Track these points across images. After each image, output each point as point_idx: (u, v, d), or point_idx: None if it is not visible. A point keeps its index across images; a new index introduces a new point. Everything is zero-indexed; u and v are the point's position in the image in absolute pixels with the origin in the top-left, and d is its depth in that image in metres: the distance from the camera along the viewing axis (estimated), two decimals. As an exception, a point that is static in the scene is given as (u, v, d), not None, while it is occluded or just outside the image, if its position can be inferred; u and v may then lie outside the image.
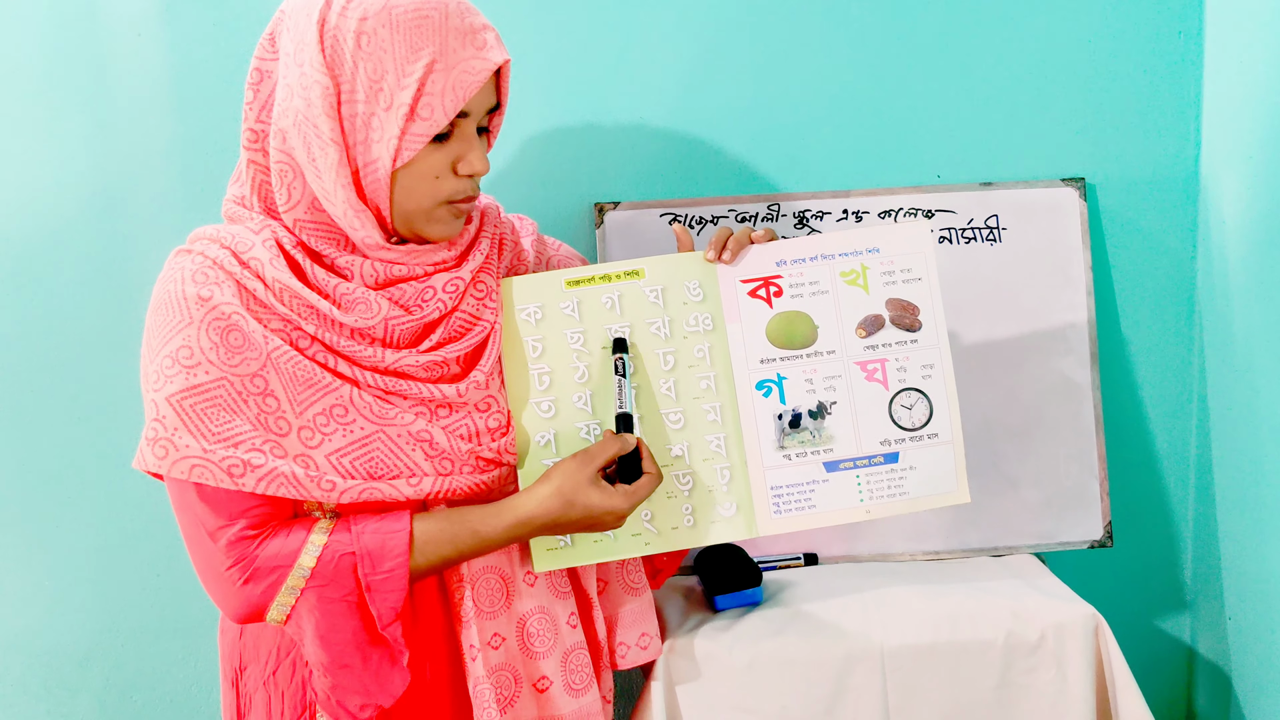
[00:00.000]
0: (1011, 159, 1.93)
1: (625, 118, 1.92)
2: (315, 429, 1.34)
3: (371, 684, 1.36)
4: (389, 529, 1.35)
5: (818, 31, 1.90)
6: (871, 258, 1.50)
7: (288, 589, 1.33)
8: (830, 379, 1.50)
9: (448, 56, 1.29)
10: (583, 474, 1.39)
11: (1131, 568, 2.00)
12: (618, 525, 1.41)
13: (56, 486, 1.95)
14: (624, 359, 1.45)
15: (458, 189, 1.36)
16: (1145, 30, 1.90)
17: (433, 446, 1.38)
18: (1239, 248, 1.78)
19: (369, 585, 1.34)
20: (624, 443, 1.42)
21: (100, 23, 1.87)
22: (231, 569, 1.33)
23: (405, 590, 1.35)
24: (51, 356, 1.93)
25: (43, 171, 1.90)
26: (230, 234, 1.37)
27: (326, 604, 1.34)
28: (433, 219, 1.37)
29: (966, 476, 1.52)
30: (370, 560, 1.34)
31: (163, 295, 1.34)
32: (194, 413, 1.31)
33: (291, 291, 1.34)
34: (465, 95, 1.30)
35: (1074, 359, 1.90)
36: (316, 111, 1.30)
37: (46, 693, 1.99)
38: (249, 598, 1.33)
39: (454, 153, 1.34)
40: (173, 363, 1.31)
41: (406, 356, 1.37)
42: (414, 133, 1.30)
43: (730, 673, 1.63)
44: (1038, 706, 1.64)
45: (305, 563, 1.33)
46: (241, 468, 1.31)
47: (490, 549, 1.40)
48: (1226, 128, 1.82)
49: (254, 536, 1.34)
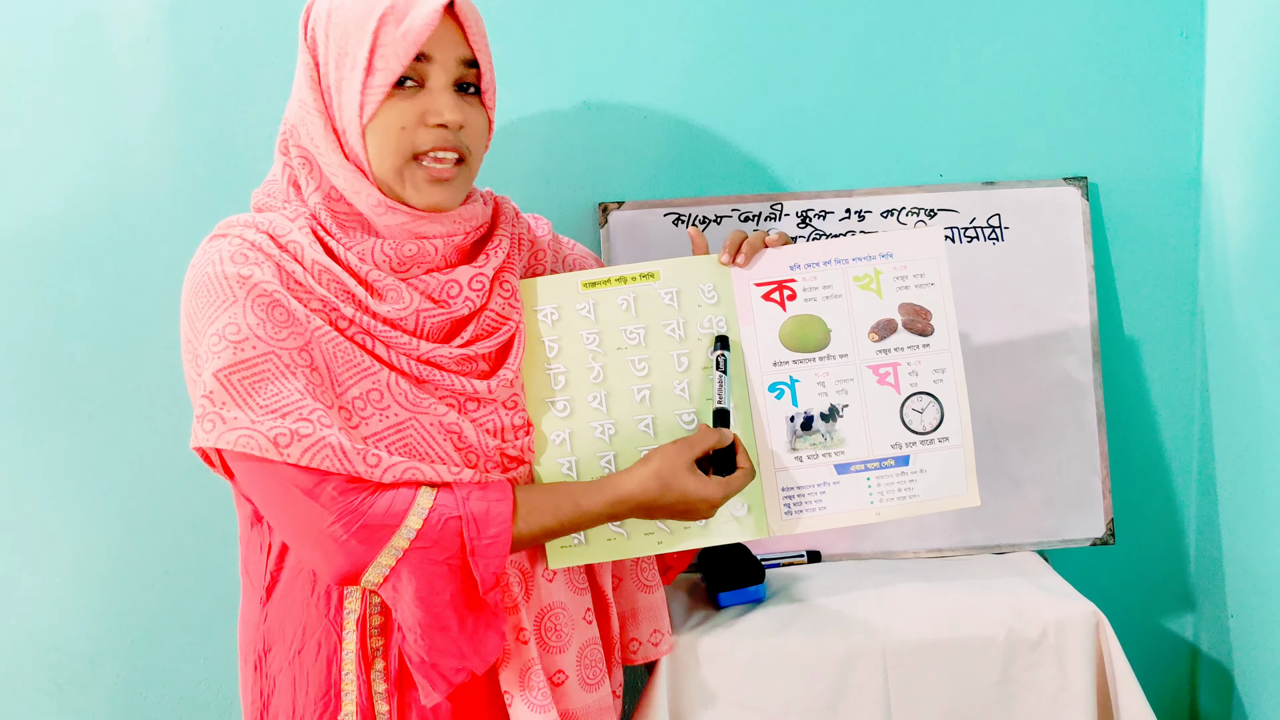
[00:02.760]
0: (1014, 158, 1.94)
1: (629, 117, 1.92)
2: (354, 411, 1.34)
3: (467, 647, 1.36)
4: (494, 496, 1.36)
5: (821, 31, 1.91)
6: (885, 262, 1.51)
7: (391, 549, 1.31)
8: (842, 382, 1.51)
9: (399, 9, 1.32)
10: (681, 460, 1.42)
11: (1134, 565, 2.01)
12: (710, 514, 1.44)
13: (66, 484, 1.95)
14: (725, 355, 1.47)
15: (424, 140, 1.36)
16: (1147, 30, 1.90)
17: (461, 440, 1.39)
18: (1241, 246, 1.79)
19: (474, 549, 1.34)
20: (721, 436, 1.46)
21: (109, 26, 1.87)
22: (335, 524, 1.30)
23: (507, 556, 1.36)
24: (61, 356, 1.93)
25: (53, 174, 1.90)
26: (267, 220, 1.38)
27: (430, 565, 1.33)
28: (406, 180, 1.37)
29: (977, 480, 1.53)
30: (476, 524, 1.34)
31: (201, 278, 1.33)
32: (241, 385, 1.29)
33: (331, 274, 1.35)
34: (416, 39, 1.31)
35: (1076, 358, 1.91)
36: (304, 89, 1.37)
37: (57, 690, 1.99)
38: (352, 554, 1.31)
39: (422, 104, 1.35)
40: (219, 339, 1.30)
41: (440, 348, 1.39)
42: (373, 85, 1.32)
43: (733, 669, 1.64)
44: (1039, 703, 1.65)
45: (412, 523, 1.32)
46: (289, 437, 1.28)
47: (589, 524, 1.42)
48: (1228, 127, 1.83)
49: (356, 489, 1.31)
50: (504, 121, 1.88)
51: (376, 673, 1.43)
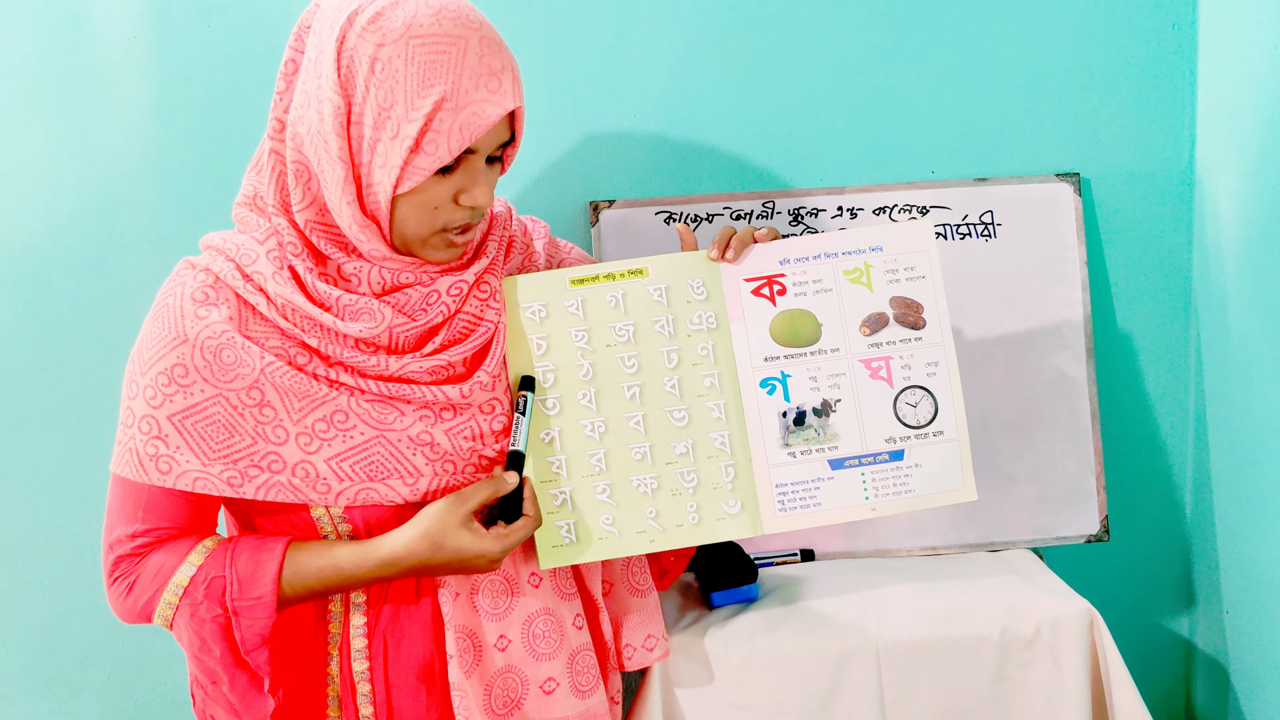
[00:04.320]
0: (1006, 154, 1.93)
1: (620, 116, 1.91)
2: (314, 435, 1.35)
3: (239, 704, 1.38)
4: (262, 557, 1.37)
5: (812, 28, 1.90)
6: (875, 256, 1.50)
7: (165, 602, 1.37)
8: (834, 377, 1.50)
9: (459, 96, 1.28)
10: (453, 516, 1.36)
11: (1128, 563, 2.01)
12: (491, 569, 1.40)
13: (56, 486, 1.95)
14: (527, 397, 1.45)
15: (456, 219, 1.36)
16: (1139, 23, 1.90)
17: (434, 449, 1.38)
18: (1234, 242, 1.78)
19: (235, 610, 1.35)
20: (501, 483, 1.40)
21: (94, 26, 1.86)
22: (116, 582, 1.40)
23: (272, 618, 1.35)
24: (50, 357, 1.92)
25: (36, 175, 1.89)
26: (236, 244, 1.38)
27: (198, 622, 1.36)
28: (429, 245, 1.37)
29: (973, 474, 1.52)
30: (239, 585, 1.35)
31: (162, 307, 1.37)
32: (194, 430, 1.34)
33: (293, 305, 1.35)
34: (472, 136, 1.29)
35: (1070, 354, 1.90)
36: (327, 128, 1.30)
37: (48, 691, 1.99)
38: (132, 607, 1.39)
39: (458, 184, 1.34)
40: (169, 380, 1.33)
41: (410, 362, 1.37)
42: (417, 165, 1.29)
43: (727, 669, 1.63)
44: (1033, 701, 1.65)
45: (179, 580, 1.36)
46: (240, 478, 1.34)
47: (359, 585, 1.40)
48: (1221, 121, 1.83)
49: (142, 554, 1.39)
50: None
51: (363, 697, 1.43)
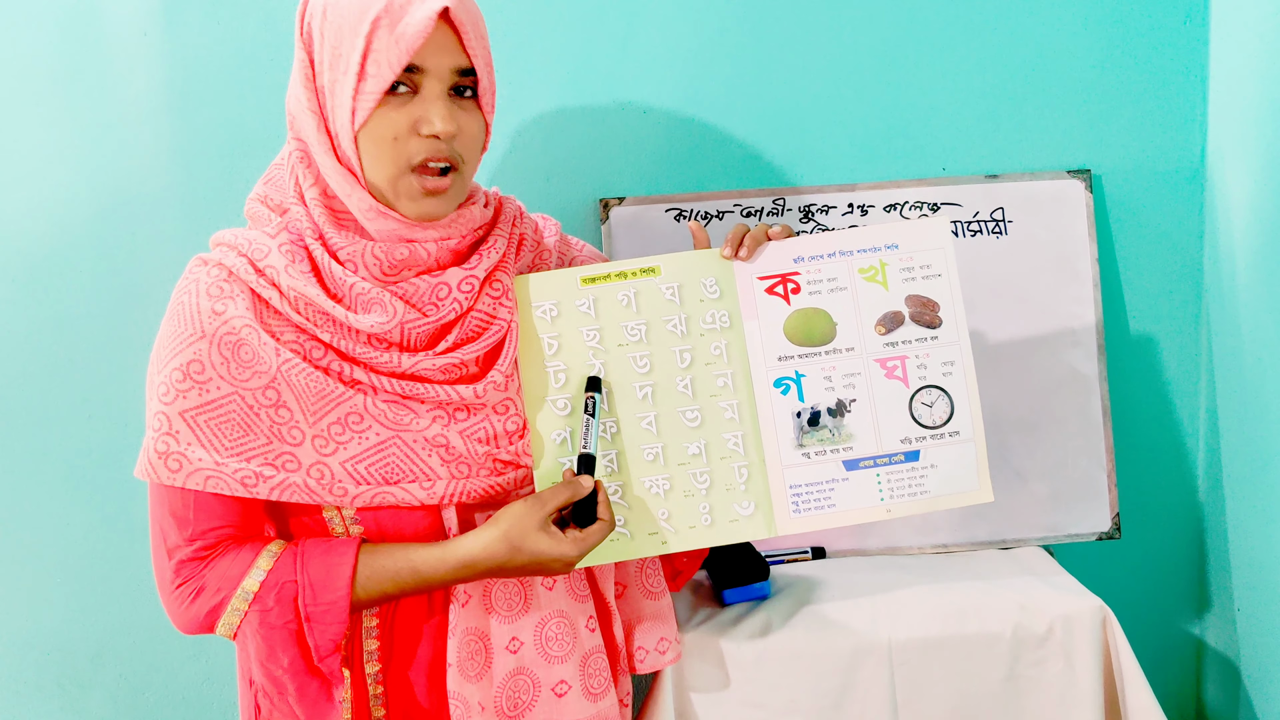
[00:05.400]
0: (1017, 151, 1.93)
1: (630, 113, 1.91)
2: (329, 437, 1.35)
3: (306, 712, 1.37)
4: (334, 561, 1.35)
5: (822, 24, 1.90)
6: (890, 254, 1.49)
7: (232, 610, 1.35)
8: (849, 376, 1.49)
9: (393, 12, 1.28)
10: (531, 519, 1.35)
11: (1139, 560, 2.01)
12: (566, 572, 1.39)
13: (69, 486, 1.95)
14: (595, 398, 1.44)
15: (417, 150, 1.32)
16: (1150, 18, 1.90)
17: (449, 451, 1.38)
18: (1245, 238, 1.78)
19: (308, 616, 1.34)
20: (578, 487, 1.39)
21: (105, 25, 1.86)
22: (180, 588, 1.37)
23: (345, 623, 1.35)
24: (63, 357, 1.92)
25: (50, 174, 1.89)
26: (247, 240, 1.37)
27: (267, 629, 1.34)
28: (399, 191, 1.34)
29: (989, 474, 1.51)
30: (312, 590, 1.34)
31: (178, 305, 1.36)
32: (208, 427, 1.33)
33: (306, 299, 1.34)
34: (409, 46, 1.28)
35: (1081, 351, 1.90)
36: (299, 86, 1.34)
37: (60, 690, 1.99)
38: (195, 616, 1.37)
39: (415, 113, 1.32)
40: (184, 377, 1.32)
41: (423, 360, 1.36)
42: (365, 91, 1.29)
43: (739, 666, 1.63)
44: (1046, 699, 1.64)
45: (248, 586, 1.35)
46: (255, 479, 1.33)
47: (435, 588, 1.39)
48: (1233, 117, 1.82)
49: (205, 558, 1.36)
50: (504, 119, 1.87)
51: (375, 698, 1.42)
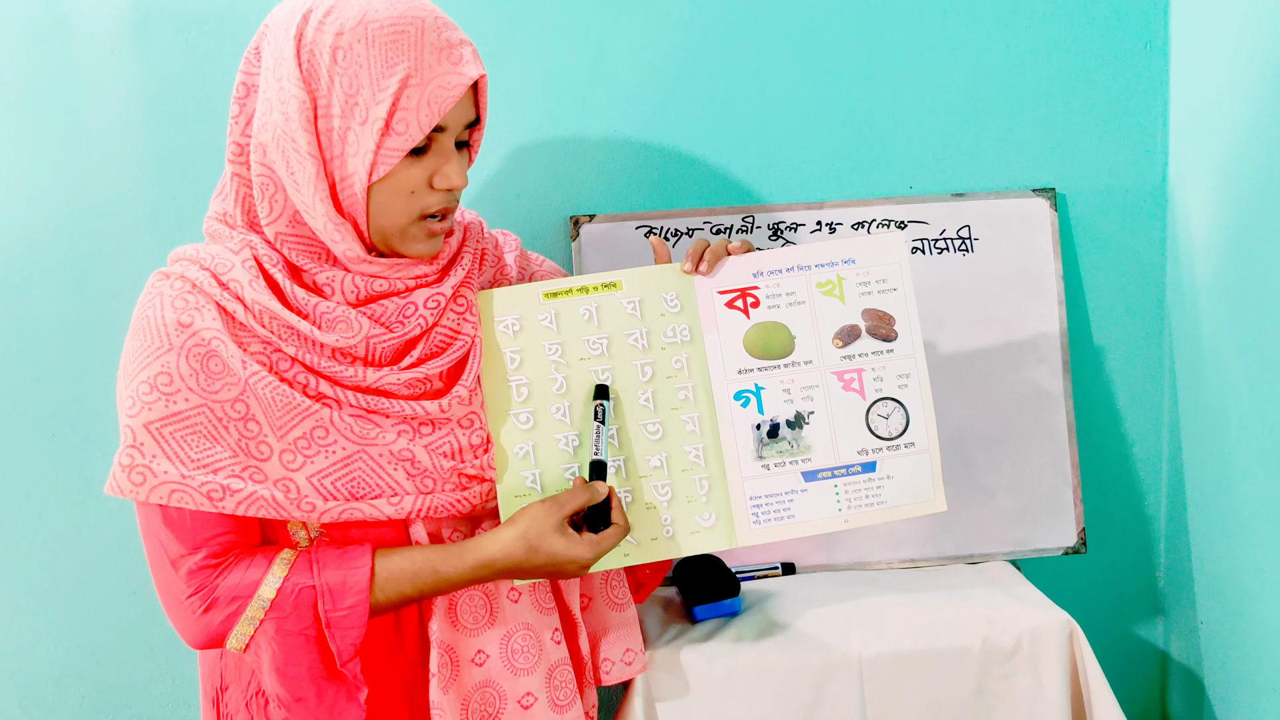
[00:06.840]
0: (982, 170, 1.95)
1: (600, 131, 1.92)
2: (297, 451, 1.34)
3: (326, 719, 1.36)
4: (351, 565, 1.35)
5: (792, 45, 1.91)
6: (847, 268, 1.51)
7: (246, 619, 1.34)
8: (808, 389, 1.50)
9: (423, 71, 1.29)
10: (549, 520, 1.38)
11: (1105, 574, 2.02)
12: (581, 574, 1.41)
13: (31, 503, 1.93)
14: (604, 406, 1.45)
15: (432, 203, 1.35)
16: (1112, 44, 1.92)
17: (414, 465, 1.38)
18: (1206, 256, 1.80)
19: (329, 621, 1.34)
20: (594, 492, 1.42)
21: (73, 38, 1.86)
22: (191, 598, 1.34)
23: (365, 626, 1.35)
24: (25, 372, 1.91)
25: (15, 187, 1.88)
26: (210, 254, 1.37)
27: (285, 636, 1.34)
28: (408, 236, 1.37)
29: (943, 485, 1.53)
30: (331, 596, 1.34)
31: (142, 320, 1.34)
32: (174, 439, 1.32)
33: (271, 313, 1.34)
34: (441, 110, 1.30)
35: (1046, 368, 1.91)
36: (294, 126, 1.30)
37: (22, 713, 1.97)
38: (207, 626, 1.35)
39: (431, 167, 1.34)
40: (150, 389, 1.31)
41: (388, 375, 1.37)
42: (389, 147, 1.29)
43: (709, 683, 1.63)
44: (1014, 712, 1.65)
45: (265, 594, 1.34)
46: (221, 492, 1.32)
47: (451, 589, 1.39)
48: (1193, 138, 1.84)
49: (215, 566, 1.35)
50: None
51: None
